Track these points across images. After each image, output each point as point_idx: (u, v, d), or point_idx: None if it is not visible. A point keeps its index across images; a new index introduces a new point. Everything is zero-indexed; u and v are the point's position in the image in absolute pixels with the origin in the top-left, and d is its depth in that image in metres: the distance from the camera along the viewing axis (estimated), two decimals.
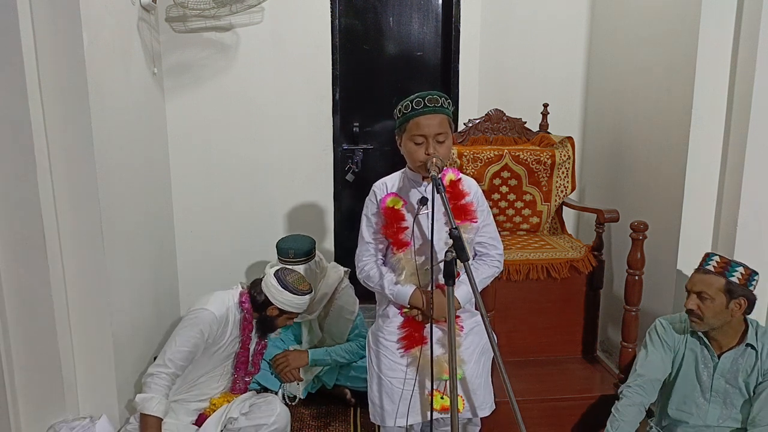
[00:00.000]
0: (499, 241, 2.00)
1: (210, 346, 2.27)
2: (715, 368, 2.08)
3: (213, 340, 2.27)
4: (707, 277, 2.02)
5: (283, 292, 2.30)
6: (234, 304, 2.34)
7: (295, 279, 2.37)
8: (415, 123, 1.79)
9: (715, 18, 2.42)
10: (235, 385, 2.43)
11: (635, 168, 2.98)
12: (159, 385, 2.15)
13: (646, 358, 2.18)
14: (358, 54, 3.47)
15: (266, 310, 2.36)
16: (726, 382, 2.08)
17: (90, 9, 2.21)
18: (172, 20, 3.08)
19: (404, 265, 1.87)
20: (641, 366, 2.18)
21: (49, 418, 2.27)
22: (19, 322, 2.18)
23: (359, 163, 3.53)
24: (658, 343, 2.18)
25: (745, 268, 2.01)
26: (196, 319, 2.23)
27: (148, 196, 2.91)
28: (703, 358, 2.11)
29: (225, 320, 2.29)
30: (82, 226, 2.26)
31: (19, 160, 2.07)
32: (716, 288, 1.99)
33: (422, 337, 1.88)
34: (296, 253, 2.74)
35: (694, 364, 2.12)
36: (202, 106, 3.24)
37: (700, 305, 2.02)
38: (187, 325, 2.23)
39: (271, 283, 2.32)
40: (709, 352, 2.10)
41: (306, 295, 2.36)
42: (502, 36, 3.43)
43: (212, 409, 2.33)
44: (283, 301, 2.32)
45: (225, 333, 2.30)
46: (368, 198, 1.96)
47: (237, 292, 2.38)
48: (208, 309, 2.25)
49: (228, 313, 2.30)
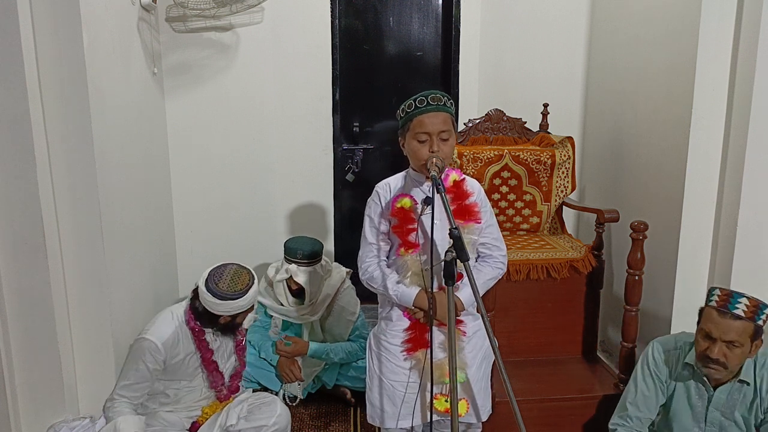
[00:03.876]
0: (502, 242, 1.99)
1: (168, 367, 2.21)
2: (710, 401, 1.99)
3: (166, 363, 2.20)
4: (739, 324, 1.81)
5: (222, 303, 2.17)
6: (181, 322, 2.24)
7: (228, 283, 2.19)
8: (419, 121, 1.79)
9: (715, 18, 2.42)
10: (220, 393, 2.35)
11: (635, 168, 2.98)
12: (119, 410, 2.13)
13: (637, 393, 2.08)
14: (358, 54, 3.47)
15: (217, 319, 2.24)
16: (722, 414, 1.98)
17: (90, 9, 2.20)
18: (172, 20, 3.08)
19: (410, 266, 1.86)
20: (633, 402, 2.09)
21: (49, 418, 2.26)
22: (19, 322, 2.17)
23: (359, 163, 3.53)
24: (650, 378, 2.07)
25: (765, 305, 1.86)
26: (138, 351, 2.17)
27: (148, 196, 2.91)
28: (697, 389, 2.01)
29: (174, 340, 2.20)
30: (82, 226, 2.26)
31: (19, 160, 2.06)
32: (747, 335, 1.82)
33: (426, 340, 1.87)
34: (304, 254, 2.75)
35: (686, 394, 2.03)
36: (202, 106, 3.24)
37: (728, 354, 1.83)
38: (130, 359, 2.19)
39: (207, 299, 2.18)
40: (704, 385, 1.99)
41: (249, 290, 2.20)
42: (502, 36, 3.43)
43: (204, 418, 2.30)
44: (229, 310, 2.20)
45: (178, 353, 2.21)
46: (371, 199, 1.95)
47: (183, 310, 2.27)
48: (148, 338, 2.16)
49: (177, 332, 2.21)
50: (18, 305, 2.16)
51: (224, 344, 2.36)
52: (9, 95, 2.02)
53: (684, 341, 2.07)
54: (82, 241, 2.27)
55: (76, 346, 2.34)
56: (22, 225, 2.11)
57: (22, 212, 2.10)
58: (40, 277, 2.16)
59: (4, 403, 2.14)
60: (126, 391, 2.18)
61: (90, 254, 2.29)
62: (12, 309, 2.15)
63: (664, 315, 2.73)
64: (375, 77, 3.51)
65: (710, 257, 2.61)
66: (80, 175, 2.22)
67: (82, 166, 2.22)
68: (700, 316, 1.94)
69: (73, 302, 2.31)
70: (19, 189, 2.09)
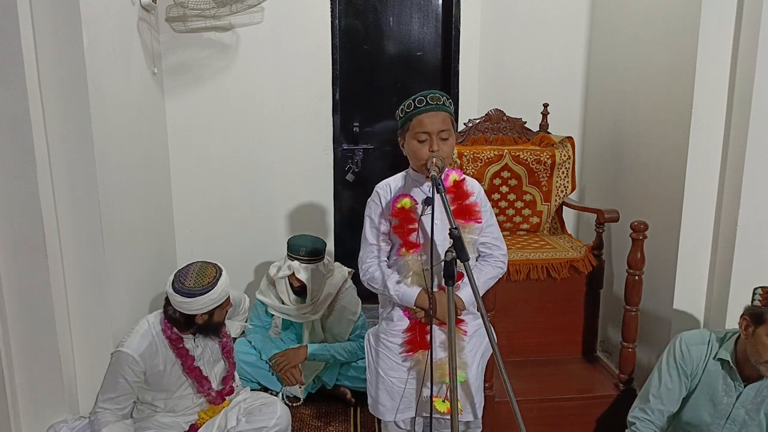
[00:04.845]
0: (502, 241, 2.00)
1: (150, 378, 2.15)
2: (738, 397, 1.96)
3: (147, 374, 2.14)
4: None
5: (193, 301, 2.08)
6: (157, 332, 2.17)
7: (194, 280, 2.11)
8: (419, 121, 1.79)
9: (715, 18, 2.41)
10: (210, 398, 2.27)
11: (635, 168, 2.98)
12: (104, 420, 2.08)
13: (661, 385, 2.06)
14: (358, 54, 3.47)
15: (194, 321, 2.15)
16: (746, 413, 1.97)
17: (90, 9, 2.21)
18: (172, 20, 3.08)
19: (411, 266, 1.86)
20: (656, 395, 2.06)
21: (49, 418, 2.26)
22: (19, 322, 2.17)
23: (359, 163, 3.53)
24: (675, 370, 2.05)
25: None
26: (116, 364, 2.10)
27: (148, 196, 2.91)
28: (725, 386, 1.98)
29: (152, 351, 2.13)
30: (82, 226, 2.26)
31: (19, 160, 2.07)
32: None
33: (427, 341, 1.87)
34: (307, 251, 2.75)
35: (711, 390, 2.00)
36: (202, 106, 3.24)
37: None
38: (109, 372, 2.14)
39: (177, 301, 2.09)
40: (734, 380, 1.97)
41: (218, 282, 2.12)
42: (502, 36, 3.43)
43: (201, 422, 2.26)
44: (202, 306, 2.10)
45: (157, 363, 2.14)
46: (371, 199, 1.95)
47: (158, 320, 2.20)
48: (124, 351, 2.09)
49: (154, 342, 2.14)
50: (18, 305, 2.16)
51: (209, 348, 2.27)
52: (9, 95, 2.02)
53: (710, 336, 2.05)
54: (82, 241, 2.27)
55: (76, 346, 2.35)
56: (22, 225, 2.12)
57: (22, 212, 2.11)
58: (40, 277, 2.16)
59: (4, 403, 2.14)
60: (109, 404, 2.12)
61: (90, 254, 2.29)
62: (12, 309, 2.16)
63: (664, 315, 2.72)
64: (375, 77, 3.51)
65: (710, 257, 2.61)
66: (80, 175, 2.22)
67: (82, 166, 2.22)
68: (761, 318, 1.88)
69: (73, 302, 2.31)
70: (19, 189, 2.09)
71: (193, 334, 2.19)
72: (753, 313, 1.91)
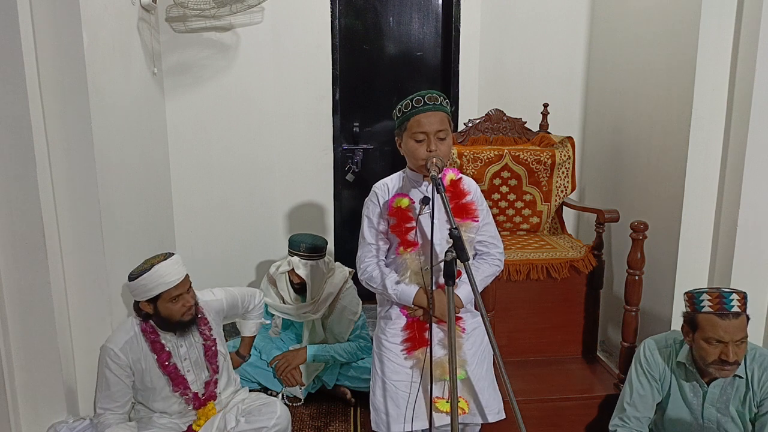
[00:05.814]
0: (499, 239, 2.00)
1: (136, 374, 2.16)
2: (704, 397, 1.99)
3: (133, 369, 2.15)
4: (741, 320, 1.83)
5: (144, 281, 2.05)
6: (137, 331, 2.16)
7: (141, 265, 2.11)
8: (416, 121, 1.79)
9: (715, 18, 2.42)
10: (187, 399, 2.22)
11: (635, 168, 2.98)
12: (106, 422, 2.11)
13: (633, 393, 2.08)
14: (358, 54, 3.47)
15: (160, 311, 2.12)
16: (717, 411, 1.98)
17: (90, 9, 2.21)
18: (172, 20, 3.08)
19: (410, 265, 1.86)
20: (630, 403, 2.08)
21: (49, 418, 2.26)
22: (19, 322, 2.18)
23: (359, 163, 3.53)
24: (644, 377, 2.07)
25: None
26: (100, 359, 2.14)
27: (148, 195, 2.91)
28: (691, 387, 2.02)
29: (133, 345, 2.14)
30: (82, 226, 2.26)
31: (19, 160, 2.07)
32: (746, 326, 1.85)
33: (425, 338, 1.88)
34: (307, 247, 2.76)
35: (683, 392, 2.03)
36: (202, 106, 3.24)
37: (739, 351, 1.83)
38: (98, 371, 2.17)
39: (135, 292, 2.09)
40: (697, 381, 2.00)
41: (166, 259, 2.12)
42: (502, 36, 3.43)
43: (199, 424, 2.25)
44: (155, 286, 2.06)
45: (139, 358, 2.15)
46: (368, 199, 1.96)
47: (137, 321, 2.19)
48: (105, 345, 2.13)
49: (135, 336, 2.15)
50: (18, 305, 2.16)
51: (195, 350, 2.24)
52: (9, 95, 2.02)
53: (674, 339, 2.07)
54: (82, 241, 2.27)
55: (76, 346, 2.35)
56: (22, 225, 2.12)
57: (22, 212, 2.11)
58: (40, 277, 2.16)
59: (4, 403, 2.14)
60: (106, 402, 2.15)
61: (90, 254, 2.29)
62: (12, 309, 2.16)
63: (664, 315, 2.73)
64: (375, 77, 3.51)
65: (710, 257, 2.61)
66: (80, 175, 2.22)
67: (82, 166, 2.22)
68: (695, 323, 1.90)
69: (73, 302, 2.31)
70: (19, 189, 2.09)
71: (174, 332, 2.19)
72: (687, 319, 1.94)
